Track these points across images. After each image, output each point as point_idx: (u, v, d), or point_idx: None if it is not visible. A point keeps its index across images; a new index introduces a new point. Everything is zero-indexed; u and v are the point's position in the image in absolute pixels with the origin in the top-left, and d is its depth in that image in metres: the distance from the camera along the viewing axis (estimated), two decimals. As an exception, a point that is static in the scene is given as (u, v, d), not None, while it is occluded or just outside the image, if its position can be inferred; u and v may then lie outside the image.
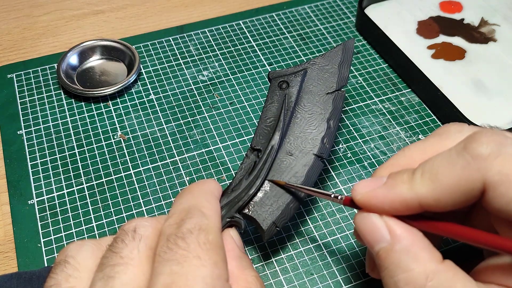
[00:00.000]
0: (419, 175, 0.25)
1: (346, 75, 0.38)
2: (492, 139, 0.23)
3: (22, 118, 0.44)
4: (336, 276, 0.34)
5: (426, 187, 0.24)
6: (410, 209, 0.25)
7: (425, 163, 0.25)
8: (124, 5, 0.56)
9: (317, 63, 0.38)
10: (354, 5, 0.55)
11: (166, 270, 0.22)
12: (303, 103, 0.37)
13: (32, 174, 0.40)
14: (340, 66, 0.38)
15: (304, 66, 0.38)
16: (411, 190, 0.24)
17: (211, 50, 0.50)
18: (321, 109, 0.36)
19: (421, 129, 0.43)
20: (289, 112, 0.35)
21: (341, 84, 0.38)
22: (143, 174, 0.40)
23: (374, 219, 0.26)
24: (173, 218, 0.25)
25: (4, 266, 0.35)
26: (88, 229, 0.37)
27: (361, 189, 0.26)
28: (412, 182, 0.25)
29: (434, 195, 0.24)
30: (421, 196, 0.24)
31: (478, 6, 0.53)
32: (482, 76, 0.46)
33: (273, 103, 0.36)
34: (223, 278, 0.23)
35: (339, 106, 0.37)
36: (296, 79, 0.37)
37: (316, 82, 0.37)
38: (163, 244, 0.24)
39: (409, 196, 0.24)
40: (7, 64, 0.49)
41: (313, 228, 0.37)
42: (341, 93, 0.37)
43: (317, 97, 0.37)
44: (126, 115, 0.44)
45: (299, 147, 0.35)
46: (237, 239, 0.29)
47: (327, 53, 0.39)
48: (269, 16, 0.54)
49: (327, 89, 0.37)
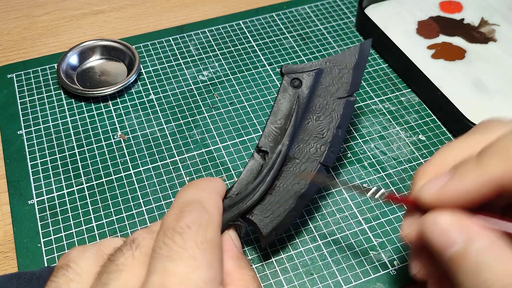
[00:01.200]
0: (487, 158, 0.23)
1: (359, 80, 0.37)
2: None
3: (22, 118, 0.44)
4: (336, 276, 0.34)
5: (500, 166, 0.23)
6: (486, 195, 0.23)
7: (490, 146, 0.24)
8: (124, 5, 0.56)
9: (332, 63, 0.37)
10: (354, 5, 0.55)
11: (160, 267, 0.22)
12: (314, 106, 0.35)
13: (32, 174, 0.40)
14: (355, 69, 0.37)
15: (319, 64, 0.36)
16: (485, 174, 0.23)
17: (211, 50, 0.50)
18: (331, 114, 0.35)
19: (421, 129, 0.43)
20: (299, 114, 0.35)
21: (354, 89, 0.36)
22: (143, 174, 0.40)
23: (446, 219, 0.24)
24: (173, 210, 0.25)
25: (4, 266, 0.35)
26: (88, 229, 0.37)
27: (430, 189, 0.25)
28: (482, 167, 0.23)
29: (510, 171, 0.23)
30: (497, 178, 0.23)
31: (478, 6, 0.53)
32: (482, 76, 0.46)
33: (285, 102, 0.35)
34: (217, 281, 0.23)
35: (349, 114, 0.36)
36: (310, 79, 0.36)
37: (329, 84, 0.36)
38: (160, 238, 0.23)
39: (484, 181, 0.23)
40: (7, 64, 0.49)
41: (313, 228, 0.37)
42: (352, 99, 0.36)
43: (329, 101, 0.36)
44: (126, 115, 0.44)
45: (305, 153, 0.34)
46: (236, 240, 0.29)
47: (343, 53, 0.37)
48: (269, 16, 0.54)
49: (339, 94, 0.36)
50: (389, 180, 0.40)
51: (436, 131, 0.43)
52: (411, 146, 0.42)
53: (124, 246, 0.25)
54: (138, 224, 0.37)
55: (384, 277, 0.34)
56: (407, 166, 0.41)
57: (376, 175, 0.40)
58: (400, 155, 0.42)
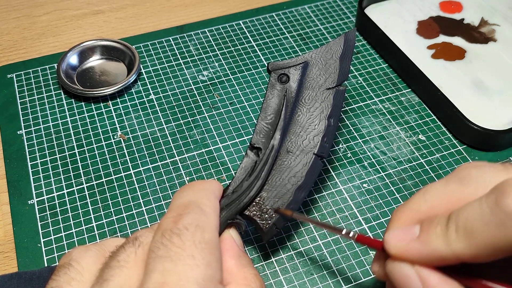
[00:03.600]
0: (453, 230, 0.24)
1: (347, 69, 0.37)
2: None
3: (22, 118, 0.44)
4: (336, 276, 0.34)
5: (462, 243, 0.24)
6: (446, 262, 0.24)
7: (458, 216, 0.24)
8: (124, 5, 0.56)
9: (318, 55, 0.37)
10: (354, 5, 0.55)
11: (159, 267, 0.22)
12: (303, 99, 0.36)
13: (32, 174, 0.40)
14: (341, 59, 0.37)
15: (305, 58, 0.37)
16: (448, 247, 0.24)
17: (211, 50, 0.50)
18: (321, 105, 0.36)
19: (421, 129, 0.43)
20: (289, 108, 0.35)
21: (342, 79, 0.37)
22: (143, 174, 0.40)
23: (407, 269, 0.25)
24: (171, 212, 0.25)
25: (4, 266, 0.35)
26: (88, 229, 0.37)
27: (395, 242, 0.26)
28: (447, 238, 0.24)
29: (471, 251, 0.23)
30: (458, 253, 0.24)
31: (478, 6, 0.53)
32: (482, 76, 0.46)
33: (273, 98, 0.35)
34: (216, 280, 0.23)
35: (340, 103, 0.36)
36: (297, 72, 0.36)
37: (317, 76, 0.36)
38: (157, 239, 0.23)
39: (446, 253, 0.24)
40: (7, 64, 0.49)
41: (313, 228, 0.37)
42: (342, 89, 0.36)
43: (318, 92, 0.36)
44: (126, 115, 0.44)
45: (299, 146, 0.34)
46: (237, 238, 0.29)
47: (328, 45, 0.37)
48: (269, 16, 0.54)
49: (328, 84, 0.36)
50: (389, 180, 0.40)
51: (436, 131, 0.43)
52: (411, 146, 0.42)
53: (126, 244, 0.25)
54: (138, 224, 0.37)
55: (384, 277, 0.34)
56: (407, 166, 0.41)
57: (376, 175, 0.40)
58: (400, 155, 0.42)
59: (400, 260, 0.26)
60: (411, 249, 0.25)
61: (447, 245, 0.24)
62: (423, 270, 0.25)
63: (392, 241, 0.26)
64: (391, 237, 0.26)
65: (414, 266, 0.25)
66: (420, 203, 0.27)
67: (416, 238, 0.25)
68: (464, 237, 0.24)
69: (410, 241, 0.25)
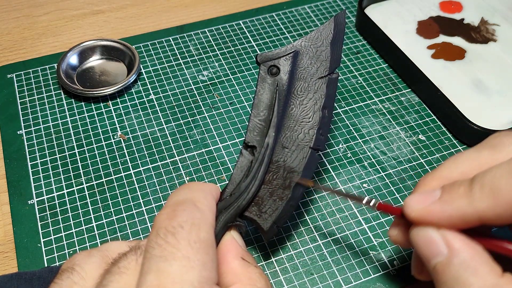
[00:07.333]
0: (477, 189, 0.24)
1: (339, 55, 0.36)
2: None
3: (22, 118, 0.44)
4: (336, 276, 0.34)
5: (486, 202, 0.23)
6: (468, 223, 0.24)
7: (484, 175, 0.24)
8: (124, 5, 0.56)
9: (308, 43, 0.35)
10: (354, 5, 0.55)
11: (154, 268, 0.22)
12: (296, 91, 0.34)
13: (32, 174, 0.40)
14: (332, 44, 0.35)
15: (294, 46, 0.35)
16: (471, 206, 0.23)
17: (211, 50, 0.50)
18: (314, 96, 0.34)
19: (421, 129, 0.43)
20: (281, 102, 0.34)
21: (334, 66, 0.35)
22: (143, 174, 0.40)
23: (431, 232, 0.25)
24: (165, 209, 0.25)
25: (4, 266, 0.35)
26: (88, 229, 0.37)
27: (415, 204, 0.25)
28: (470, 197, 0.24)
29: (495, 210, 0.23)
30: (481, 212, 0.23)
31: (478, 6, 0.53)
32: (482, 76, 0.46)
33: (265, 93, 0.34)
34: (211, 281, 0.23)
35: (334, 92, 0.35)
36: (287, 63, 0.34)
37: (308, 65, 0.35)
38: (152, 238, 0.23)
39: (469, 212, 0.24)
40: (7, 64, 0.49)
41: (313, 228, 0.37)
42: (334, 77, 0.35)
43: (310, 82, 0.35)
44: (126, 115, 0.44)
45: (294, 141, 0.33)
46: (239, 239, 0.29)
47: (318, 30, 0.36)
48: (269, 16, 0.54)
49: (320, 73, 0.35)
50: (389, 180, 0.40)
51: (436, 131, 0.43)
52: (411, 146, 0.42)
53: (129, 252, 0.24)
54: (138, 224, 0.37)
55: (384, 277, 0.34)
56: (407, 166, 0.41)
57: (376, 175, 0.40)
58: (400, 155, 0.42)
59: (424, 225, 0.25)
60: (431, 210, 0.24)
61: (470, 204, 0.23)
62: (448, 233, 0.24)
63: (412, 203, 0.25)
64: (411, 200, 0.25)
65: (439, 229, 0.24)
66: (451, 169, 0.27)
67: (437, 199, 0.25)
68: (488, 195, 0.23)
69: (431, 204, 0.25)
